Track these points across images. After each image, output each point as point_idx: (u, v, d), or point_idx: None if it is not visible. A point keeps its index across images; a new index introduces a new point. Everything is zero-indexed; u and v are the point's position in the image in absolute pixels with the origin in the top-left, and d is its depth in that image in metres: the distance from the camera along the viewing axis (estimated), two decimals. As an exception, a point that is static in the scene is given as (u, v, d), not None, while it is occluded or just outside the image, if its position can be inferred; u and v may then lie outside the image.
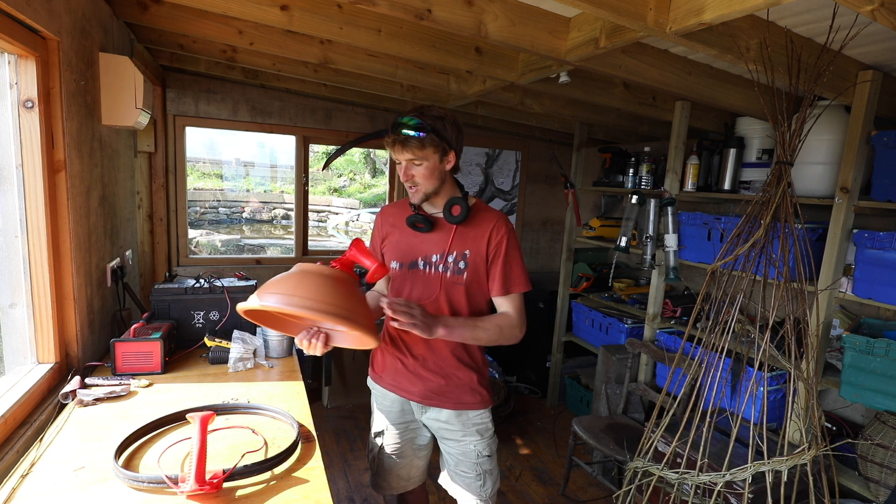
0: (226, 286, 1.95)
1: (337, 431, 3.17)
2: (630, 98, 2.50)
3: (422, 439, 1.62)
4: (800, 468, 1.76)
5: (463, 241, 1.44)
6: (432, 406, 1.52)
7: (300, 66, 2.62)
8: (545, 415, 3.55)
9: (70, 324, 1.55)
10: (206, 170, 14.87)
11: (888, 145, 1.90)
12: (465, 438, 1.52)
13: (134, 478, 1.06)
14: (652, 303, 2.80)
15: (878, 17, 1.18)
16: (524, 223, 4.30)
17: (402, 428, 1.60)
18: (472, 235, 1.45)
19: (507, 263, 1.44)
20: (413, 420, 1.59)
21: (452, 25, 1.55)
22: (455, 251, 1.44)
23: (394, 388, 1.56)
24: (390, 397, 1.58)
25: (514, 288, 1.45)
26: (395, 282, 1.53)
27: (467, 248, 1.44)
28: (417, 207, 1.48)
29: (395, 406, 1.59)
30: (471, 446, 1.52)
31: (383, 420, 1.61)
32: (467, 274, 1.44)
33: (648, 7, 1.35)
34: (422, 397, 1.51)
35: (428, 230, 1.47)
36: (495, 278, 1.45)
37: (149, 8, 1.96)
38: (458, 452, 1.54)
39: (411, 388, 1.52)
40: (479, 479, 1.53)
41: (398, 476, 1.64)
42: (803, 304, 1.84)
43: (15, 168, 1.36)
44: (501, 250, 1.44)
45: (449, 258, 1.44)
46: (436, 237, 1.47)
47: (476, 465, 1.53)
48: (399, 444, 1.61)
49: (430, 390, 1.50)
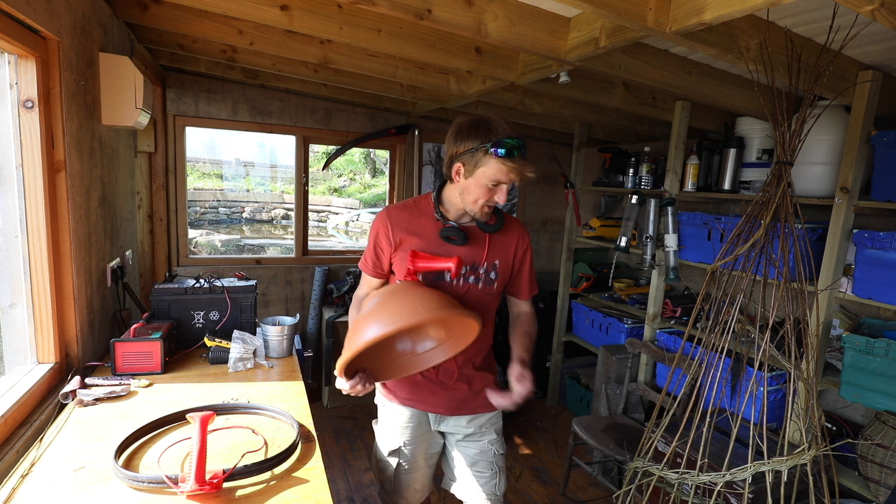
0: (226, 286, 1.95)
1: (337, 431, 3.17)
2: (630, 98, 2.50)
3: (434, 447, 1.60)
4: (800, 468, 1.76)
5: (493, 251, 1.44)
6: (455, 415, 1.52)
7: (300, 66, 2.62)
8: (545, 415, 3.55)
9: (70, 324, 1.55)
10: (206, 170, 14.87)
11: (888, 145, 1.90)
12: (483, 438, 1.54)
13: (134, 478, 1.06)
14: (652, 303, 2.80)
15: (878, 17, 1.18)
16: (524, 223, 4.30)
17: (417, 441, 1.55)
18: (500, 243, 1.45)
19: (531, 270, 1.53)
20: (427, 431, 1.57)
21: (452, 25, 1.55)
22: (487, 262, 1.43)
23: (412, 402, 1.51)
24: (407, 413, 1.52)
25: (535, 291, 1.57)
26: None
27: (497, 258, 1.44)
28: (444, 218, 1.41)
29: (412, 420, 1.53)
30: (488, 445, 1.54)
31: (398, 437, 1.54)
32: (497, 284, 1.45)
33: (648, 7, 1.35)
34: (447, 408, 1.51)
35: (462, 243, 1.39)
36: (524, 285, 1.53)
37: (149, 8, 1.96)
38: (475, 452, 1.55)
39: (434, 400, 1.50)
40: (494, 476, 1.55)
41: (414, 490, 1.60)
42: (803, 304, 1.84)
43: (15, 168, 1.36)
44: (528, 258, 1.51)
45: (480, 269, 1.42)
46: (465, 247, 1.40)
47: (492, 464, 1.55)
48: (414, 458, 1.57)
49: (457, 399, 1.50)
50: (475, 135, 1.27)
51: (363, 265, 1.50)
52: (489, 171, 1.27)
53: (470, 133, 1.28)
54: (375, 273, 1.48)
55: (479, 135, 1.27)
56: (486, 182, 1.28)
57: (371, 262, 1.47)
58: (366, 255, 1.48)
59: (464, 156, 1.29)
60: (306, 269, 3.63)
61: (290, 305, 3.62)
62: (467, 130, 1.29)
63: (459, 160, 1.31)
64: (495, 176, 1.27)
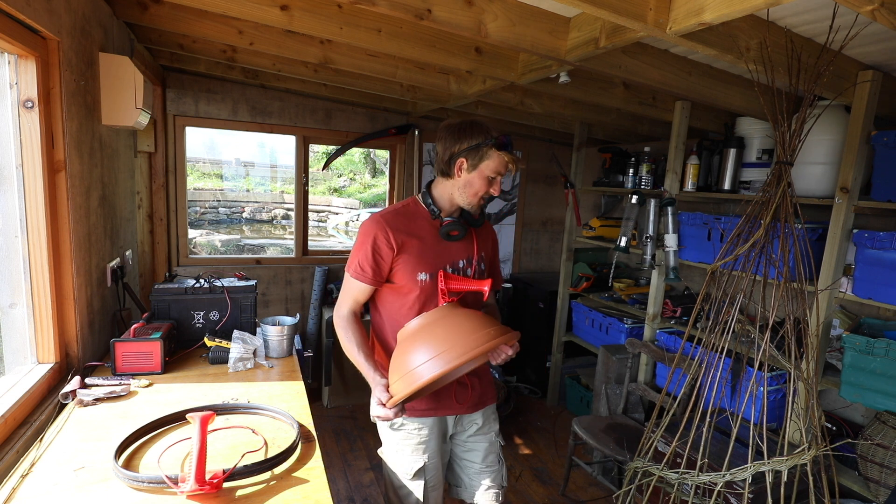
0: (226, 286, 1.95)
1: (337, 431, 3.17)
2: (630, 98, 2.50)
3: (447, 455, 1.59)
4: (800, 468, 1.76)
5: (480, 244, 1.54)
6: (475, 412, 1.55)
7: (300, 66, 2.62)
8: (545, 415, 3.55)
9: (70, 324, 1.55)
10: (206, 170, 14.85)
11: (888, 145, 1.90)
12: (490, 431, 1.59)
13: (134, 478, 1.06)
14: (652, 303, 2.80)
15: (878, 17, 1.18)
16: (524, 223, 4.30)
17: (439, 453, 1.52)
18: (482, 237, 1.56)
19: (498, 263, 1.66)
20: (444, 440, 1.55)
21: (452, 25, 1.55)
22: (478, 254, 1.53)
23: (433, 410, 1.48)
24: (428, 424, 1.48)
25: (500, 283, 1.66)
26: (423, 294, 1.42)
27: (483, 251, 1.55)
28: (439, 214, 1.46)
29: (433, 431, 1.49)
30: (495, 437, 1.60)
31: (420, 455, 1.47)
32: (486, 275, 1.56)
33: (648, 7, 1.35)
34: (471, 406, 1.53)
35: (462, 237, 1.47)
36: (496, 276, 1.60)
37: (149, 8, 1.96)
38: (485, 446, 1.58)
39: (457, 402, 1.50)
40: (501, 467, 1.61)
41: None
42: (803, 304, 1.84)
43: (15, 168, 1.36)
44: (497, 250, 1.64)
45: (474, 261, 1.51)
46: (458, 243, 1.49)
47: (499, 455, 1.61)
48: (437, 473, 1.52)
49: (478, 395, 1.55)
50: (477, 133, 1.38)
51: (359, 275, 1.41)
52: (492, 164, 1.39)
53: (471, 132, 1.39)
54: (374, 280, 1.41)
55: (481, 133, 1.39)
56: (488, 174, 1.40)
57: (370, 269, 1.40)
58: (361, 263, 1.40)
59: (467, 152, 1.39)
60: (306, 269, 3.63)
61: (290, 305, 3.62)
62: (467, 130, 1.39)
63: (462, 156, 1.40)
64: (497, 168, 1.40)
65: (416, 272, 1.41)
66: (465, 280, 1.43)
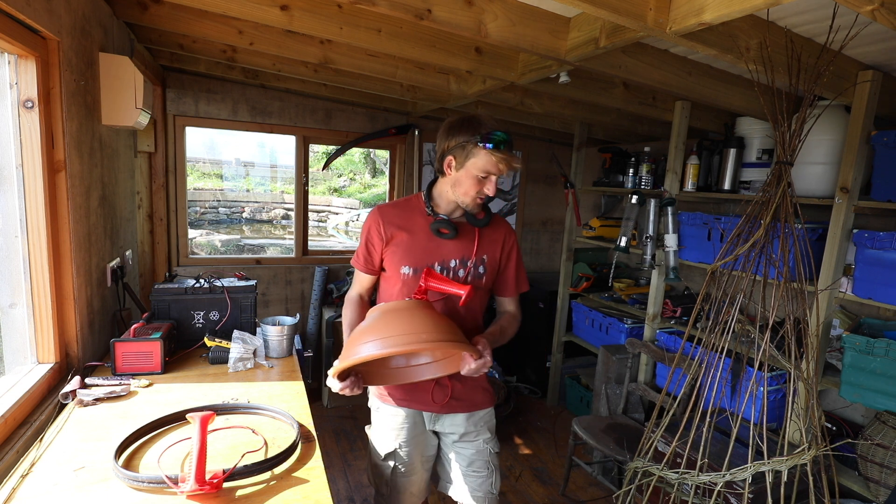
0: (226, 286, 1.95)
1: (337, 431, 3.17)
2: (630, 98, 2.50)
3: (430, 449, 1.59)
4: (800, 468, 1.76)
5: (482, 246, 1.49)
6: (450, 413, 1.52)
7: (300, 66, 2.62)
8: (545, 415, 3.55)
9: (70, 324, 1.55)
10: (206, 170, 14.86)
11: (888, 145, 1.90)
12: (478, 437, 1.55)
13: (134, 478, 1.06)
14: (652, 303, 2.80)
15: (878, 17, 1.18)
16: (524, 223, 4.30)
17: (414, 443, 1.54)
18: (489, 239, 1.50)
19: (519, 267, 1.56)
20: (423, 432, 1.56)
21: (452, 25, 1.55)
22: (476, 256, 1.48)
23: (407, 402, 1.52)
24: (402, 414, 1.52)
25: (523, 288, 1.58)
26: (406, 287, 1.45)
27: (485, 253, 1.49)
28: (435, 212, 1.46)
29: (407, 421, 1.53)
30: (483, 444, 1.55)
31: (393, 440, 1.53)
32: (486, 279, 1.50)
33: (648, 7, 1.35)
34: (443, 406, 1.51)
35: (452, 236, 1.44)
36: (510, 281, 1.56)
37: (149, 8, 1.96)
38: (471, 452, 1.55)
39: (429, 399, 1.50)
40: (490, 475, 1.56)
41: (412, 494, 1.58)
42: (803, 304, 1.84)
43: (15, 168, 1.36)
44: (514, 254, 1.55)
45: (469, 263, 1.47)
46: (455, 242, 1.46)
47: (488, 463, 1.56)
48: (411, 461, 1.55)
49: (452, 397, 1.51)
50: (466, 130, 1.35)
51: (355, 262, 1.53)
52: (479, 163, 1.35)
53: (461, 128, 1.36)
54: (367, 269, 1.52)
55: (470, 129, 1.35)
56: (476, 173, 1.36)
57: (363, 258, 1.51)
58: (358, 251, 1.52)
59: (455, 149, 1.37)
60: (306, 269, 3.63)
61: (290, 305, 3.62)
62: (458, 126, 1.37)
63: (451, 153, 1.38)
64: (485, 167, 1.35)
65: (401, 265, 1.45)
66: (446, 280, 1.40)
